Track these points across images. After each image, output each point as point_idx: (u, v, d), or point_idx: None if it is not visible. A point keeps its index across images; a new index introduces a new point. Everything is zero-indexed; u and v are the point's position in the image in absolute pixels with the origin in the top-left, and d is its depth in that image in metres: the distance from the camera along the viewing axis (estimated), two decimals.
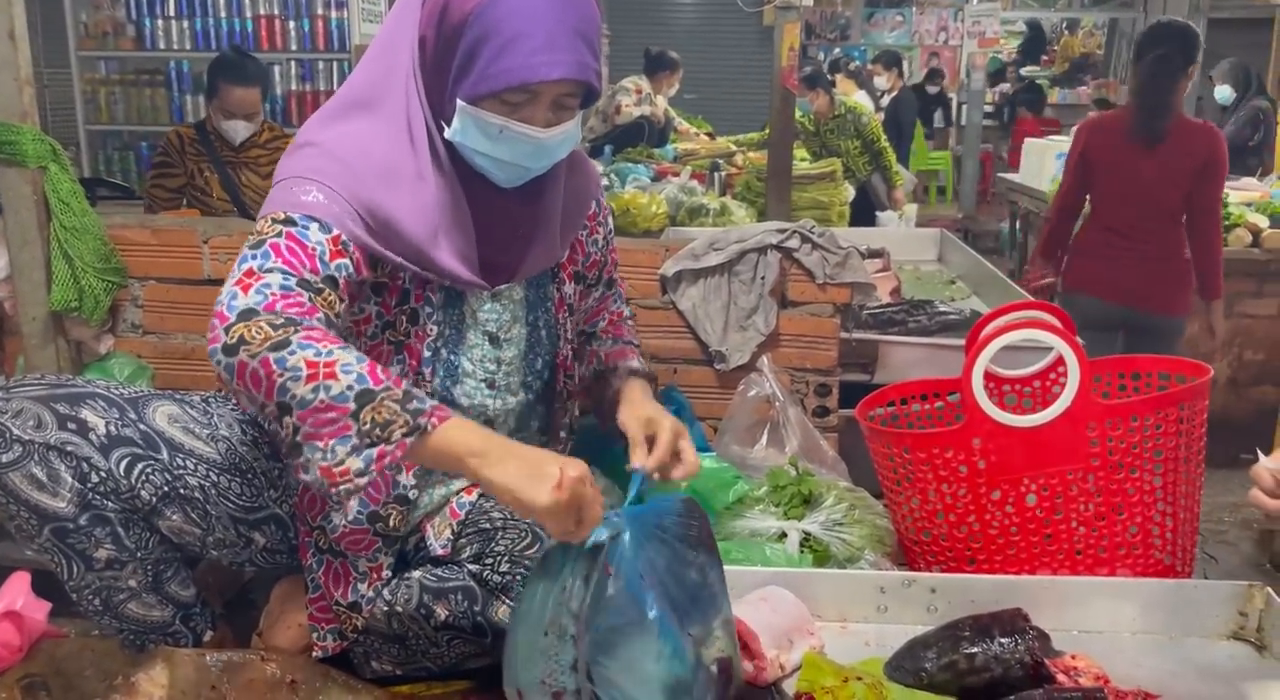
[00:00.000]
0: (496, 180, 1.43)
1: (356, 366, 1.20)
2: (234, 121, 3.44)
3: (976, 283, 3.54)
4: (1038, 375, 1.97)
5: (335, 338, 1.24)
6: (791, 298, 2.23)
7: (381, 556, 1.53)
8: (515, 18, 1.29)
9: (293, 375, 1.18)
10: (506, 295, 1.55)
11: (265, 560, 1.58)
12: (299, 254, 1.29)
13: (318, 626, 1.54)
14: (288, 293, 1.25)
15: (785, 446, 2.04)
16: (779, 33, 4.23)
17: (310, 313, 1.25)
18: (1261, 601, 1.62)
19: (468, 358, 1.53)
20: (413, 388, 1.24)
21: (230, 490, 1.49)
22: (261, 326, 1.20)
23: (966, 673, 1.46)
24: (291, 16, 5.20)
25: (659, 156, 5.90)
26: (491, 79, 1.31)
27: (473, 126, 1.36)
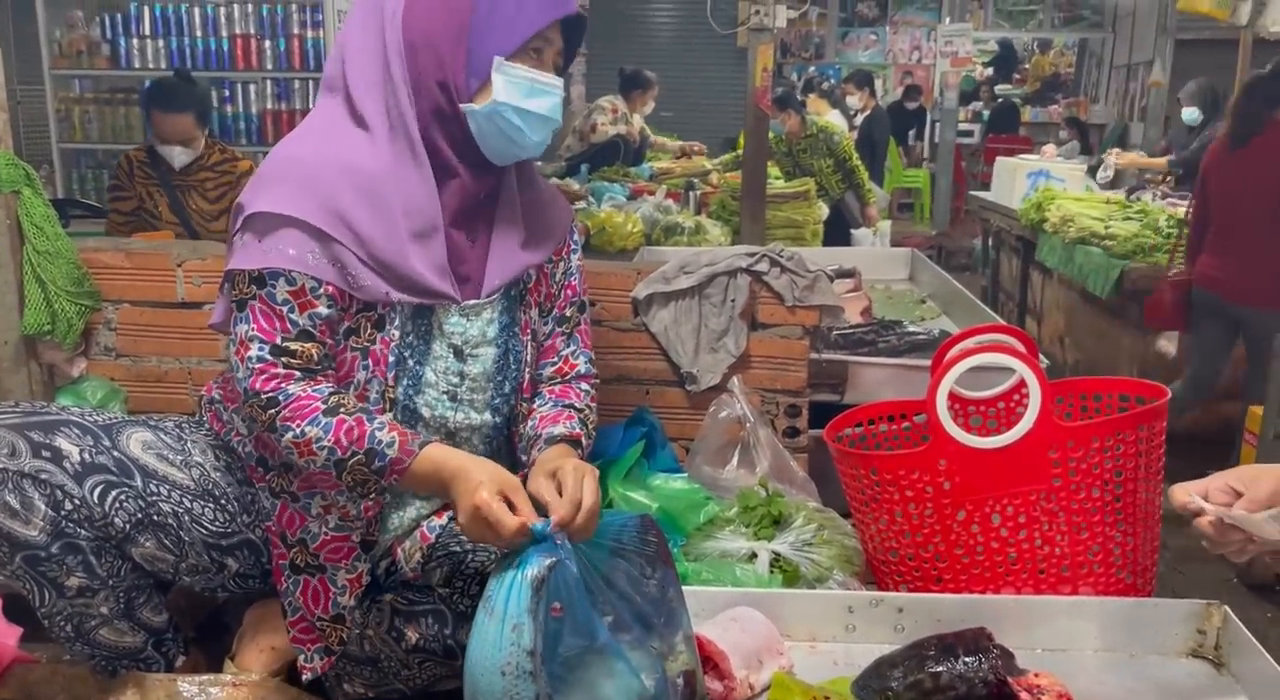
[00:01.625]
0: (523, 146, 1.51)
1: (325, 439, 1.41)
2: (170, 147, 3.43)
3: (946, 302, 3.58)
4: (1002, 397, 2.01)
5: (306, 406, 1.42)
6: (761, 320, 2.26)
7: (360, 564, 1.54)
8: None
9: (288, 452, 1.44)
10: (474, 312, 1.56)
11: (238, 585, 1.59)
12: (271, 318, 1.44)
13: (303, 648, 1.55)
14: (263, 366, 1.43)
15: (756, 467, 2.07)
16: (752, 54, 4.28)
17: (285, 381, 1.43)
18: (1219, 620, 1.65)
19: (432, 369, 1.55)
20: (377, 440, 1.41)
21: (204, 516, 1.50)
22: (255, 408, 1.43)
23: (932, 691, 1.48)
24: (268, 36, 5.20)
25: (635, 175, 5.93)
26: (526, 23, 1.46)
27: (509, 84, 1.47)
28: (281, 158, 1.48)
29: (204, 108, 3.52)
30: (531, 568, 1.26)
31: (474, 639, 1.28)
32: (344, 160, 1.44)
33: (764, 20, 4.25)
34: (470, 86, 1.46)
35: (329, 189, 1.42)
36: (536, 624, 1.23)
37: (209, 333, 2.30)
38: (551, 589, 1.27)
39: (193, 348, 2.33)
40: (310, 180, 1.43)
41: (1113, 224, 4.87)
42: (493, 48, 1.45)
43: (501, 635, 1.24)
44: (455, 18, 1.45)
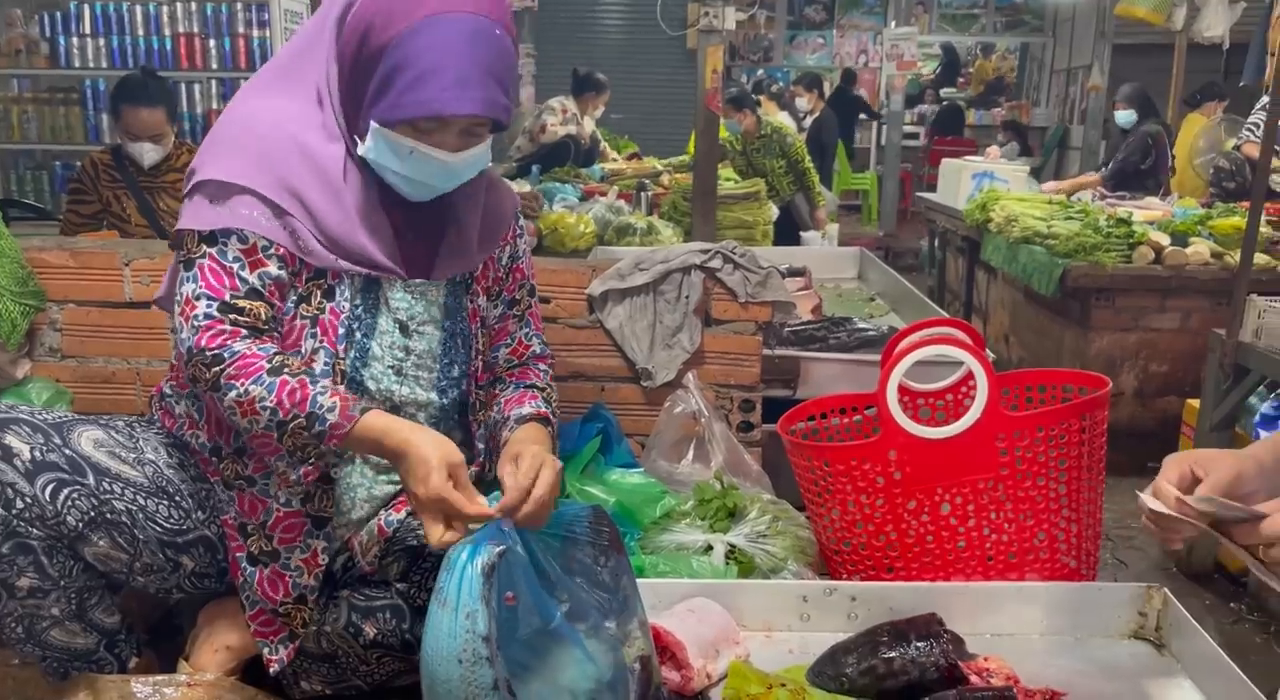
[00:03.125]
0: (406, 195, 1.50)
1: (268, 399, 1.39)
2: (140, 144, 3.38)
3: (895, 300, 3.64)
4: (950, 389, 2.05)
5: (251, 364, 1.40)
6: (715, 316, 2.29)
7: (313, 542, 1.54)
8: (432, 52, 1.36)
9: (230, 412, 1.42)
10: (421, 290, 1.57)
11: (193, 585, 1.57)
12: (220, 275, 1.43)
13: (266, 641, 1.54)
14: (210, 323, 1.42)
15: (711, 461, 2.09)
16: (702, 55, 4.30)
17: (231, 338, 1.41)
18: (1160, 602, 1.70)
19: (378, 343, 1.55)
20: (318, 403, 1.39)
21: (158, 513, 1.48)
22: (199, 368, 1.41)
23: (885, 676, 1.51)
24: (212, 35, 5.13)
25: (586, 176, 5.94)
26: (405, 107, 1.38)
27: (385, 146, 1.43)
28: (239, 124, 1.49)
29: (173, 103, 3.48)
30: (482, 555, 1.26)
31: (428, 631, 1.28)
32: (299, 137, 1.46)
33: (713, 22, 4.28)
34: (358, 127, 1.45)
35: (284, 165, 1.45)
36: (490, 610, 1.23)
37: (159, 333, 2.27)
38: (503, 577, 1.27)
39: (142, 348, 2.30)
40: (266, 155, 1.45)
41: (1055, 224, 4.97)
42: (376, 112, 1.41)
43: (456, 624, 1.24)
44: (360, 62, 1.43)
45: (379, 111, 1.40)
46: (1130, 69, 9.81)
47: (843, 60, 12.51)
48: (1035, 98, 12.88)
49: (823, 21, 12.67)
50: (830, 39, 12.63)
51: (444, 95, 1.37)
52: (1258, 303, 3.42)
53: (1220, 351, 3.52)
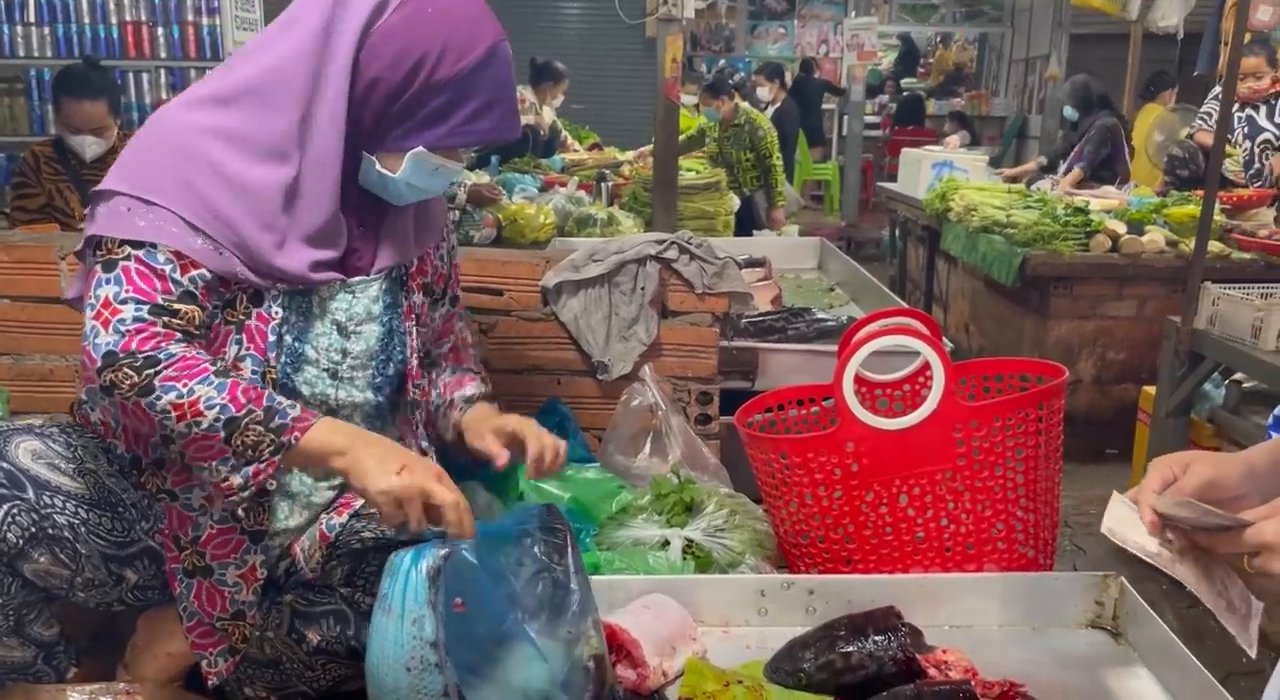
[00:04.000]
0: (397, 200, 1.54)
1: (218, 398, 1.33)
2: (81, 137, 3.30)
3: (855, 290, 3.64)
4: (907, 379, 2.04)
5: (193, 365, 1.34)
6: (671, 308, 2.26)
7: (250, 557, 1.49)
8: (494, 85, 1.47)
9: (164, 417, 1.32)
10: (361, 289, 1.55)
11: (136, 598, 1.52)
12: (150, 278, 1.36)
13: (204, 653, 1.49)
14: (141, 326, 1.33)
15: (668, 455, 2.07)
16: (661, 44, 4.27)
17: (166, 340, 1.34)
18: (1116, 591, 1.70)
19: (313, 346, 1.51)
20: (277, 400, 1.36)
21: (101, 526, 1.43)
22: (125, 372, 1.31)
23: (843, 671, 1.50)
24: (160, 23, 5.02)
25: (546, 167, 5.90)
26: (467, 135, 1.47)
27: (418, 167, 1.47)
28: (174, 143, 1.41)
29: (116, 95, 3.40)
30: (426, 559, 1.24)
31: (374, 639, 1.25)
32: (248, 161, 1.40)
33: (672, 10, 4.25)
34: (380, 145, 1.47)
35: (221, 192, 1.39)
36: (437, 615, 1.21)
37: None
38: (451, 581, 1.24)
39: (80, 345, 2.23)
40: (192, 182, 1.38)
41: (1014, 213, 5.00)
42: (423, 138, 1.46)
43: (402, 631, 1.21)
44: (409, 89, 1.43)
45: (431, 136, 1.45)
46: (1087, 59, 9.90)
47: (804, 50, 12.53)
48: (994, 87, 12.97)
49: (784, 11, 12.68)
50: (791, 29, 12.65)
51: (503, 125, 1.49)
52: (1212, 290, 3.45)
53: (1175, 339, 3.55)
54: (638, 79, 10.09)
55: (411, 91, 1.43)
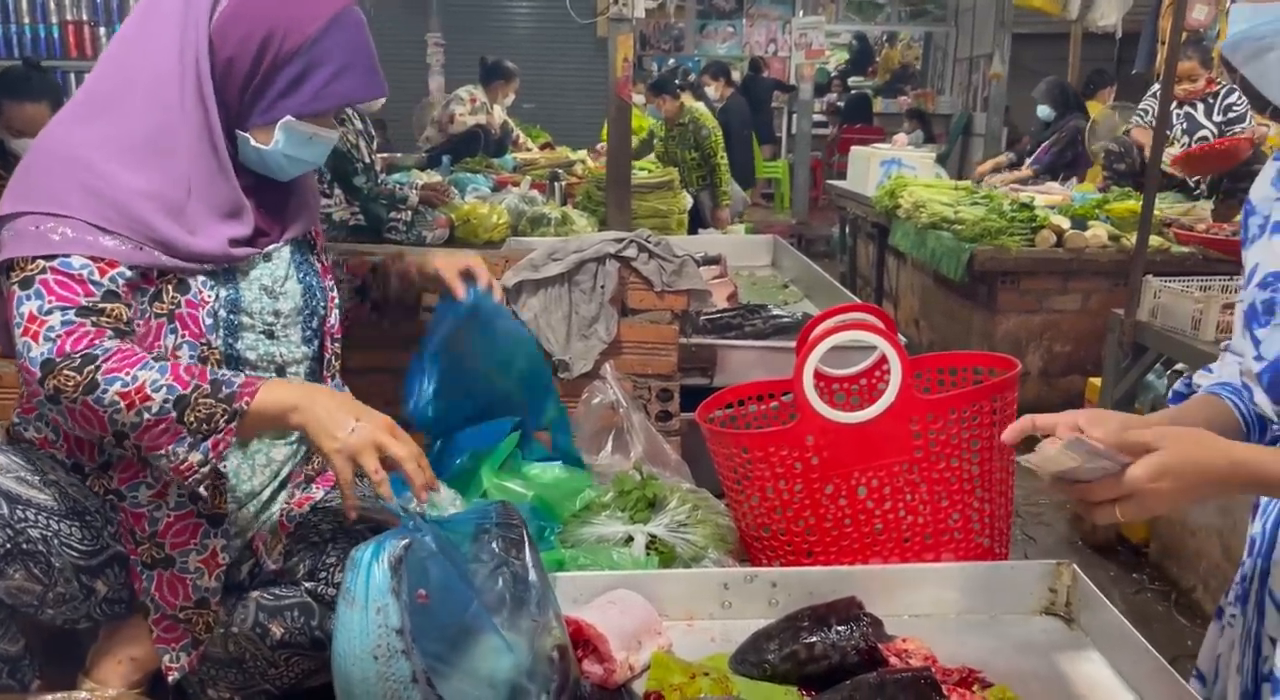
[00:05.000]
0: (282, 175, 1.59)
1: (162, 379, 1.35)
2: (24, 140, 3.24)
3: (808, 286, 3.68)
4: (864, 373, 2.07)
5: (131, 355, 1.36)
6: (631, 306, 2.27)
7: (210, 541, 1.50)
8: (344, 48, 1.52)
9: (114, 409, 1.33)
10: (276, 254, 1.62)
11: (104, 612, 1.52)
12: (69, 285, 1.37)
13: (167, 647, 1.49)
14: (71, 328, 1.35)
15: (630, 452, 2.08)
16: (612, 44, 4.28)
17: (98, 337, 1.36)
18: (1069, 578, 1.74)
19: (247, 313, 1.56)
20: (220, 373, 1.40)
21: (72, 536, 1.43)
22: (66, 374, 1.32)
23: (807, 661, 1.52)
24: (101, 23, 4.95)
25: (498, 166, 5.88)
26: (328, 98, 1.53)
27: (290, 137, 1.53)
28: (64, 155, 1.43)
29: (59, 97, 3.34)
30: (387, 549, 1.24)
31: (339, 633, 1.25)
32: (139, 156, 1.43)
33: (623, 10, 4.26)
34: (251, 122, 1.51)
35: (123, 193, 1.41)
36: (401, 602, 1.21)
37: None
38: (413, 573, 1.25)
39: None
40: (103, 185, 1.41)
41: (961, 209, 5.09)
42: (286, 107, 1.50)
43: (367, 620, 1.22)
44: (264, 63, 1.48)
45: (295, 104, 1.51)
46: (1029, 58, 10.09)
47: (752, 49, 12.61)
48: (940, 86, 13.15)
49: (732, 10, 12.75)
50: (740, 28, 12.72)
51: (362, 85, 1.55)
52: (1153, 283, 3.54)
53: (1119, 331, 3.64)
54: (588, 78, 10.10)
55: (265, 67, 1.48)
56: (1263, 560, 1.32)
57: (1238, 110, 5.23)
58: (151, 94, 1.45)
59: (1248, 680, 1.33)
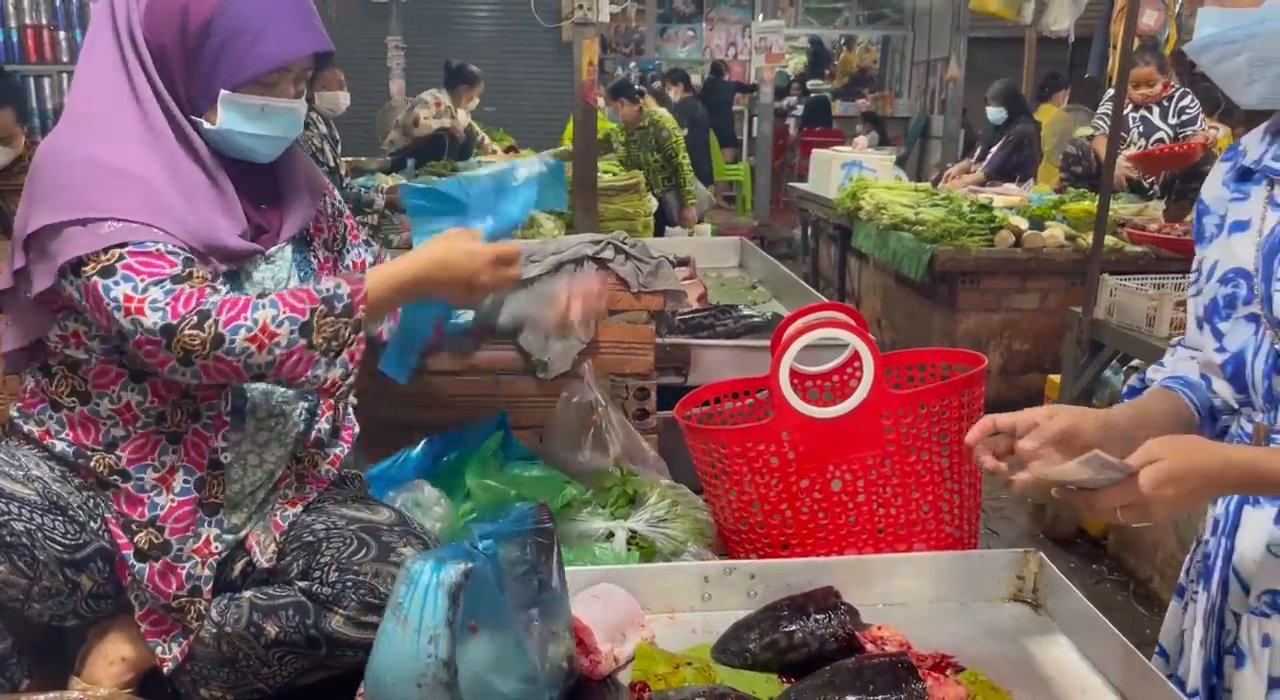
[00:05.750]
0: (258, 156, 1.55)
1: (281, 312, 1.38)
2: None
3: (776, 287, 3.74)
4: (836, 370, 2.13)
5: (237, 301, 1.38)
6: (609, 306, 2.31)
7: (204, 529, 1.52)
8: (258, 10, 1.46)
9: (247, 355, 1.36)
10: (278, 256, 1.61)
11: (90, 608, 1.53)
12: (151, 263, 1.38)
13: (159, 640, 1.51)
14: (174, 294, 1.36)
15: (609, 450, 2.12)
16: (577, 48, 4.31)
17: (202, 295, 1.37)
18: (1036, 565, 1.80)
19: None
20: (322, 286, 1.43)
21: (55, 530, 1.44)
22: (189, 334, 1.34)
23: (787, 650, 1.56)
24: (62, 27, 4.90)
25: (463, 170, 5.88)
26: (254, 63, 1.47)
27: (236, 112, 1.48)
28: (77, 163, 1.43)
29: (22, 102, 3.31)
30: (448, 574, 1.20)
31: (383, 647, 1.23)
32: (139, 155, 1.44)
33: (588, 14, 4.29)
34: (200, 106, 1.49)
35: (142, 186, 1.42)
36: (453, 633, 1.19)
37: None
38: (470, 601, 1.22)
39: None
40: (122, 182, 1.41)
41: (921, 210, 5.18)
42: (220, 81, 1.47)
43: (417, 646, 1.19)
44: (188, 42, 1.46)
45: (225, 77, 1.46)
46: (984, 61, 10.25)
47: (713, 53, 12.69)
48: (897, 89, 13.32)
49: (692, 14, 12.81)
50: (700, 32, 12.79)
51: (289, 41, 1.48)
52: (1109, 282, 3.64)
53: (1077, 329, 3.73)
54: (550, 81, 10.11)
55: (190, 45, 1.46)
56: (1227, 539, 1.38)
57: (1191, 112, 5.37)
58: (119, 94, 1.46)
59: (1211, 653, 1.40)
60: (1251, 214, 1.32)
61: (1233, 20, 1.19)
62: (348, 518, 1.59)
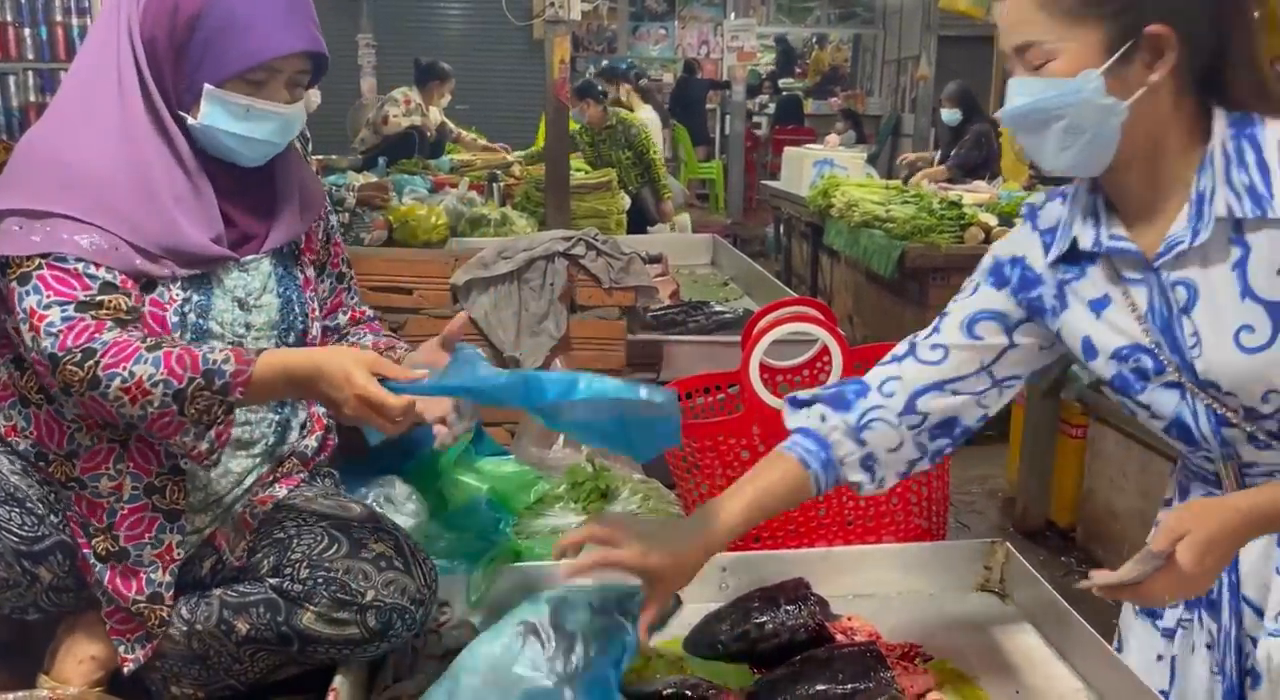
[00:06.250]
0: (242, 159, 1.52)
1: (157, 373, 1.34)
2: None
3: (747, 284, 3.76)
4: (807, 364, 2.14)
5: (126, 347, 1.35)
6: (580, 302, 2.32)
7: (166, 536, 1.51)
8: (248, 4, 1.44)
9: (119, 404, 1.34)
10: (254, 266, 1.59)
11: (51, 601, 1.51)
12: (65, 280, 1.37)
13: (122, 639, 1.50)
14: (71, 323, 1.35)
15: (582, 445, 2.13)
16: (549, 46, 4.31)
17: (98, 330, 1.35)
18: (1003, 555, 1.83)
19: (216, 321, 1.54)
20: (210, 359, 1.37)
21: (11, 521, 1.42)
22: (70, 369, 1.33)
23: (758, 640, 1.57)
24: (27, 23, 4.81)
25: (435, 168, 5.87)
26: (238, 59, 1.44)
27: (220, 109, 1.47)
28: (40, 154, 1.44)
29: None
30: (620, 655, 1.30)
31: None
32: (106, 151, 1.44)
33: (559, 12, 4.29)
34: (186, 101, 1.48)
35: (96, 184, 1.42)
36: None
37: None
38: None
39: None
40: (75, 179, 1.41)
41: (892, 208, 5.22)
42: (205, 75, 1.46)
43: None
44: (176, 35, 1.46)
45: (209, 72, 1.44)
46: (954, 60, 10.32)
47: (685, 51, 12.72)
48: (869, 87, 13.39)
49: (664, 12, 12.84)
50: (672, 30, 12.82)
51: (273, 38, 1.45)
52: None
53: None
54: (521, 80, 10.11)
55: (178, 38, 1.45)
56: (1229, 574, 1.38)
57: None
58: (104, 87, 1.46)
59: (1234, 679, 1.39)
60: (1106, 291, 1.33)
61: (1049, 90, 1.21)
62: (319, 514, 1.58)
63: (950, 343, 1.45)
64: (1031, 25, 1.22)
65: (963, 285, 1.51)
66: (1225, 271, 1.23)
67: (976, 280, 1.48)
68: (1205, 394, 1.28)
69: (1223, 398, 1.27)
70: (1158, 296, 1.29)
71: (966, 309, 1.46)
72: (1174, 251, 1.25)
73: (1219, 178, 1.22)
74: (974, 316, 1.45)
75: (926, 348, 1.47)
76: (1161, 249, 1.26)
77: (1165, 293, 1.28)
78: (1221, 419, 1.28)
